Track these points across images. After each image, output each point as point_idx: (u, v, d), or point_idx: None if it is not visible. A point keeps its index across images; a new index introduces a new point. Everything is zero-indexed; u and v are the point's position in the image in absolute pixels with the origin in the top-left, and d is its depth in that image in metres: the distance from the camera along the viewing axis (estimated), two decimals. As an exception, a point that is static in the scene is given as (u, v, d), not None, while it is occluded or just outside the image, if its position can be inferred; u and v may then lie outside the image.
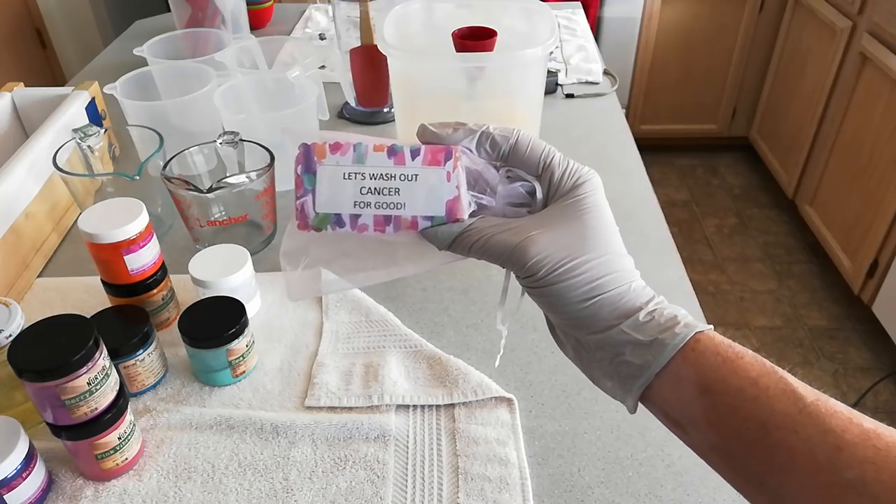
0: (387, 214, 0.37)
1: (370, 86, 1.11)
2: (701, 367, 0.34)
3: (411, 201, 0.37)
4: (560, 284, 0.36)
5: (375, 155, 0.37)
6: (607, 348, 0.37)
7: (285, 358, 0.69)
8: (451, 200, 0.37)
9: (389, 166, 0.37)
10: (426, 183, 0.37)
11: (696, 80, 2.56)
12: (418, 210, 0.37)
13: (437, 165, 0.37)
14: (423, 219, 0.37)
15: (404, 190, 0.37)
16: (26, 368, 0.49)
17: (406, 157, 0.37)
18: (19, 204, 0.78)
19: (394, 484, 0.56)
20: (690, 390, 0.34)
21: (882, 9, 1.82)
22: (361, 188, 0.37)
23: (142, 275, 0.66)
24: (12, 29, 2.37)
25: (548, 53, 0.77)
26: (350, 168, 0.37)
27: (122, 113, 0.96)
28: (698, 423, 0.35)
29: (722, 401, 0.33)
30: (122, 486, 0.57)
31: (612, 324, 0.36)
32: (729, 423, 0.33)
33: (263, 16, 1.50)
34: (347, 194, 0.37)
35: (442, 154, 0.38)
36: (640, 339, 0.36)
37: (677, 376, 0.35)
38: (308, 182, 0.38)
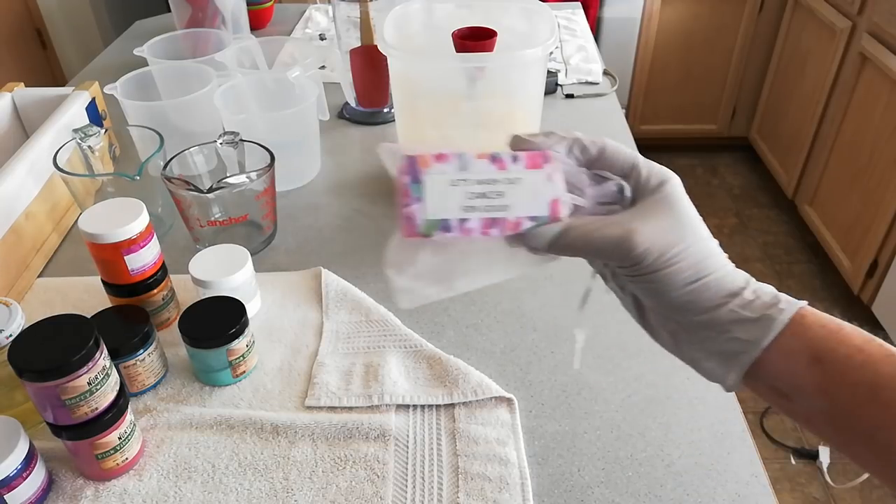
0: (493, 217, 0.39)
1: (370, 86, 1.11)
2: (809, 339, 0.37)
3: (516, 203, 0.39)
4: (668, 269, 0.38)
5: (478, 162, 0.39)
6: (714, 328, 0.38)
7: (285, 358, 0.69)
8: (554, 201, 0.39)
9: (493, 172, 0.39)
10: (529, 185, 0.39)
11: (695, 80, 2.56)
12: (523, 211, 0.39)
13: (538, 168, 0.39)
14: (527, 219, 0.39)
15: (509, 193, 0.39)
16: (27, 368, 0.49)
17: (507, 162, 0.39)
18: (20, 204, 0.78)
19: (394, 484, 0.56)
20: (800, 362, 0.37)
21: (882, 9, 1.83)
22: (468, 193, 0.39)
23: (142, 275, 0.66)
24: (13, 29, 2.37)
25: (548, 54, 0.77)
26: (457, 175, 0.39)
27: (122, 113, 0.96)
28: (808, 392, 0.37)
29: (832, 369, 0.36)
30: (123, 486, 0.57)
31: (719, 303, 0.38)
32: (839, 389, 0.36)
33: (263, 16, 1.50)
34: (455, 200, 0.38)
35: (541, 158, 0.40)
36: (748, 315, 0.37)
37: (787, 349, 0.37)
38: (415, 191, 0.39)
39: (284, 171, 0.85)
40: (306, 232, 0.88)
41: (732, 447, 0.60)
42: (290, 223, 0.89)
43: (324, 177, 0.99)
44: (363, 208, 0.92)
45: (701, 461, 0.59)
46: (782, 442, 1.70)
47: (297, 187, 0.96)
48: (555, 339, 0.70)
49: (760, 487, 0.57)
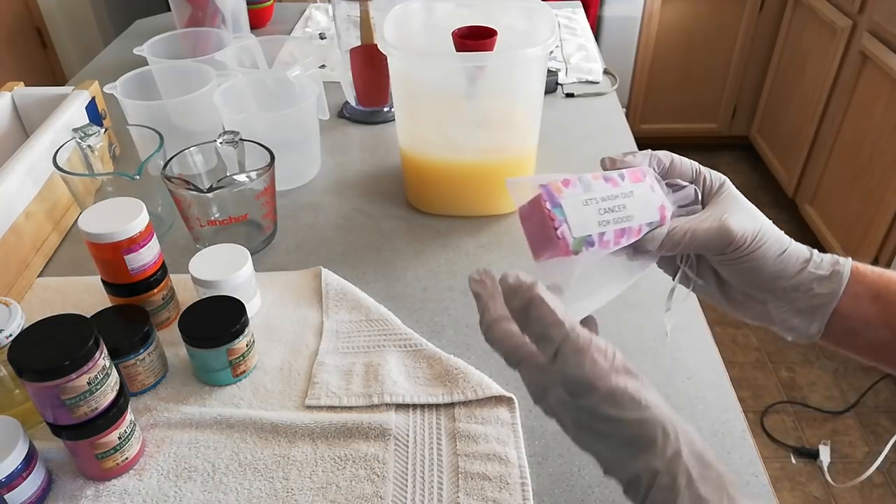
0: (622, 227, 0.43)
1: (370, 85, 1.11)
2: (869, 282, 0.46)
3: (636, 213, 0.44)
4: (761, 247, 0.45)
5: (596, 182, 0.44)
6: (800, 289, 0.46)
7: (285, 357, 0.69)
8: (661, 206, 0.45)
9: (611, 189, 0.44)
10: (640, 196, 0.44)
11: (696, 79, 2.56)
12: (643, 219, 0.44)
13: (641, 181, 0.45)
14: (645, 225, 0.44)
15: (629, 205, 0.44)
16: (26, 368, 0.49)
17: (618, 179, 0.44)
18: (19, 203, 0.78)
19: (394, 483, 0.56)
20: (865, 301, 0.45)
21: (882, 8, 1.82)
22: (599, 210, 0.43)
23: (142, 274, 0.66)
24: (13, 28, 2.37)
25: (548, 53, 0.77)
26: (586, 196, 0.43)
27: (122, 112, 0.96)
28: (873, 324, 0.45)
29: (891, 301, 0.45)
30: (123, 486, 0.57)
31: (800, 268, 0.46)
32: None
33: (263, 15, 1.50)
34: (591, 217, 0.43)
35: (640, 173, 0.45)
36: (823, 274, 0.46)
37: (852, 293, 0.45)
38: (559, 214, 0.42)
39: (284, 170, 0.85)
40: (306, 231, 0.88)
41: (732, 447, 0.60)
42: (290, 223, 0.89)
43: (324, 176, 0.99)
44: (363, 208, 0.92)
45: (701, 461, 0.58)
46: (782, 441, 1.70)
47: (297, 187, 0.96)
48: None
49: (761, 487, 0.57)
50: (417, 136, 0.87)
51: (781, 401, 1.80)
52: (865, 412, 1.77)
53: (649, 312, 0.73)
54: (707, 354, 0.69)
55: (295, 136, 0.94)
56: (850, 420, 1.75)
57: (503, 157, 0.87)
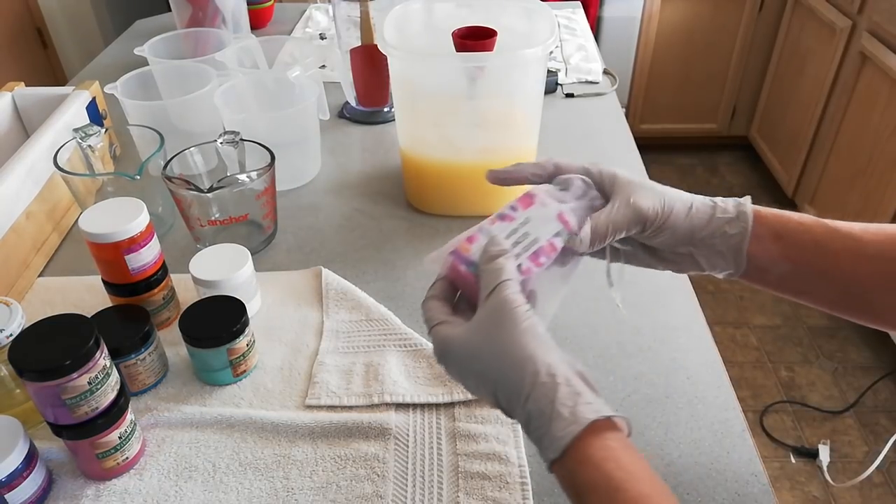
0: (534, 251, 0.47)
1: (370, 85, 1.12)
2: (769, 223, 0.51)
3: (539, 233, 0.48)
4: (672, 214, 0.50)
5: (494, 227, 0.49)
6: (716, 234, 0.51)
7: (286, 357, 0.69)
8: (559, 214, 0.49)
9: (509, 225, 0.49)
10: (536, 217, 0.49)
11: (695, 79, 2.56)
12: (548, 234, 0.48)
13: (532, 204, 0.49)
14: (553, 237, 0.48)
15: (530, 230, 0.48)
16: (27, 368, 0.49)
17: (511, 214, 0.49)
18: (20, 203, 0.78)
19: (394, 483, 0.57)
20: (768, 241, 0.50)
21: (882, 8, 1.82)
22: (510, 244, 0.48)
23: (142, 274, 0.67)
24: (13, 28, 2.37)
25: (548, 53, 0.77)
26: (484, 237, 0.48)
27: (122, 112, 0.96)
28: (777, 260, 0.50)
29: (789, 239, 0.50)
30: (123, 486, 0.57)
31: (709, 216, 0.51)
32: (796, 251, 0.50)
33: (264, 15, 1.50)
34: None
35: (528, 197, 0.50)
36: (730, 216, 0.50)
37: (757, 235, 0.50)
38: (474, 269, 0.47)
39: (285, 170, 0.85)
40: (307, 231, 0.88)
41: (732, 446, 0.60)
42: (291, 222, 0.89)
43: (324, 176, 0.99)
44: (363, 207, 0.92)
45: (701, 460, 0.59)
46: (782, 441, 1.70)
47: (298, 187, 0.97)
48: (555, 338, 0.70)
49: (760, 486, 0.57)
50: (417, 137, 0.87)
51: (781, 400, 1.80)
52: (865, 412, 1.77)
53: (649, 312, 0.73)
54: (707, 354, 0.69)
55: (295, 137, 0.94)
56: (849, 420, 1.75)
57: (503, 158, 0.87)
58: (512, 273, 0.45)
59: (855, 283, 0.50)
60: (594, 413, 0.40)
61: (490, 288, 0.45)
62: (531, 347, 0.42)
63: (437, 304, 0.48)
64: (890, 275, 0.49)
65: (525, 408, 0.41)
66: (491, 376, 0.43)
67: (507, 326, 0.43)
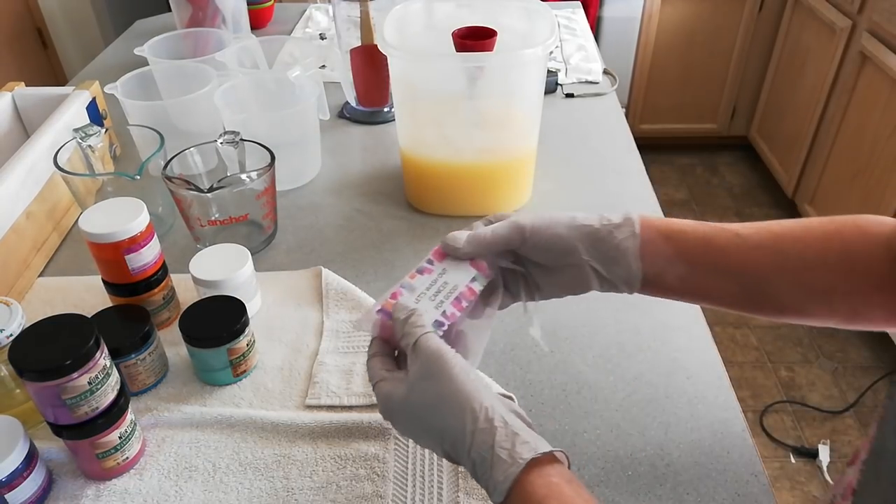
0: (454, 297, 0.51)
1: (370, 85, 1.12)
2: (656, 228, 0.52)
3: (457, 280, 0.52)
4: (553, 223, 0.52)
5: (415, 281, 0.52)
6: (606, 240, 0.52)
7: (286, 357, 0.69)
8: (472, 262, 0.53)
9: (428, 278, 0.52)
10: (451, 267, 0.53)
11: (695, 79, 2.56)
12: (465, 280, 0.52)
13: (444, 256, 0.53)
14: (470, 282, 0.52)
15: (448, 279, 0.52)
16: (27, 368, 0.49)
17: (429, 267, 0.53)
18: (20, 203, 0.78)
19: (394, 482, 0.57)
20: (660, 242, 0.52)
21: (882, 7, 1.82)
22: (429, 297, 0.51)
23: (142, 274, 0.67)
24: (13, 29, 2.37)
25: (548, 53, 0.77)
26: (414, 296, 0.51)
27: (122, 112, 0.96)
28: (672, 260, 0.52)
29: (677, 239, 0.52)
30: (124, 486, 0.57)
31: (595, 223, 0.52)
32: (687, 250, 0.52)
33: (264, 15, 1.50)
34: (428, 308, 0.50)
35: (440, 250, 0.54)
36: (617, 221, 0.52)
37: (648, 239, 0.52)
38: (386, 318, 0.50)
39: (285, 170, 0.85)
40: (307, 231, 0.88)
41: (732, 446, 0.60)
42: (291, 222, 0.89)
43: (324, 176, 1.00)
44: (363, 208, 0.92)
45: (701, 460, 0.59)
46: (782, 441, 1.70)
47: (298, 187, 0.97)
48: (554, 339, 0.70)
49: (760, 486, 0.57)
50: (417, 137, 0.87)
51: (781, 400, 1.80)
52: (865, 412, 1.77)
53: (648, 312, 0.73)
54: (707, 354, 0.69)
55: (295, 137, 0.94)
56: (849, 419, 1.75)
57: (503, 158, 0.87)
58: (428, 325, 0.47)
59: (746, 273, 0.52)
60: (531, 452, 0.40)
61: (411, 343, 0.45)
62: (465, 393, 0.43)
63: (377, 362, 0.49)
64: (773, 262, 0.51)
65: (470, 456, 0.42)
66: (435, 428, 0.44)
67: (439, 377, 0.43)
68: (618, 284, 0.53)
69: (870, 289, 0.49)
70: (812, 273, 0.50)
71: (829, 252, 0.50)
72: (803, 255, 0.50)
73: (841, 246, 0.50)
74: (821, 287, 0.50)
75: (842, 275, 0.50)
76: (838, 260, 0.50)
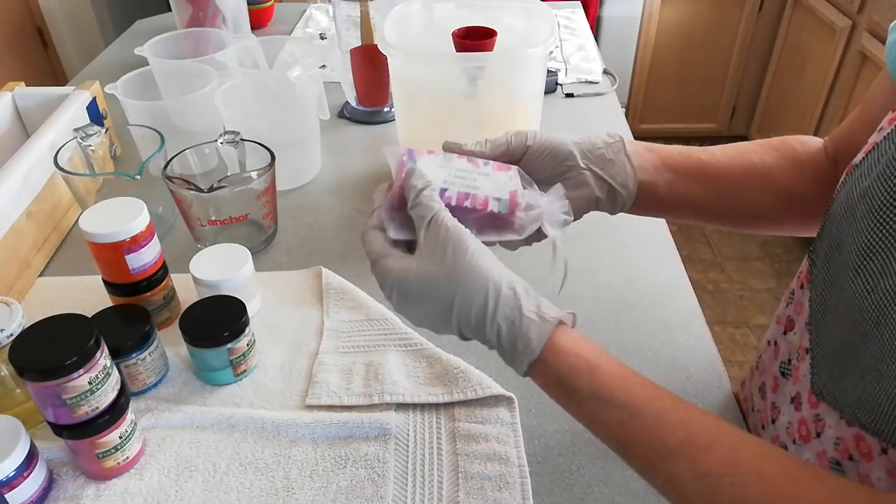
0: (466, 192, 0.50)
1: (370, 85, 1.12)
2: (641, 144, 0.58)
3: (485, 187, 0.51)
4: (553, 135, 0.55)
5: (458, 160, 0.52)
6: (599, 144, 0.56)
7: (286, 357, 0.69)
8: (513, 192, 0.51)
9: (468, 165, 0.51)
10: (495, 178, 0.51)
11: (695, 79, 2.56)
12: (490, 193, 0.50)
13: (503, 171, 0.52)
14: (493, 199, 0.50)
15: (480, 180, 0.51)
16: (27, 368, 0.49)
17: (481, 163, 0.52)
18: (20, 203, 0.78)
19: (394, 482, 0.57)
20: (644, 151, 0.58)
21: (881, 7, 1.83)
22: (450, 174, 0.51)
23: (143, 274, 0.67)
24: (13, 28, 2.37)
25: (548, 53, 0.77)
26: (442, 163, 0.51)
27: (123, 112, 0.96)
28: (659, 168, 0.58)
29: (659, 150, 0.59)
30: (124, 486, 0.57)
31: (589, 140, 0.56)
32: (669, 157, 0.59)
33: (264, 15, 1.50)
34: (440, 176, 0.50)
35: (505, 167, 0.53)
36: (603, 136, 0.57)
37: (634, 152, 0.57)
38: (411, 164, 0.50)
39: (285, 170, 0.85)
40: (307, 231, 0.88)
41: (732, 446, 0.60)
42: (291, 222, 0.89)
43: (324, 176, 1.00)
44: (364, 207, 0.92)
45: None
46: (782, 441, 1.70)
47: (298, 187, 0.97)
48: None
49: (760, 486, 0.57)
50: (417, 137, 0.87)
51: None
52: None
53: (648, 312, 0.73)
54: (707, 354, 0.69)
55: (295, 136, 0.94)
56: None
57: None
58: (442, 204, 0.48)
59: (722, 178, 0.58)
60: (557, 313, 0.46)
61: (427, 219, 0.47)
62: (485, 267, 0.45)
63: (379, 236, 0.49)
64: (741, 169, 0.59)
65: (495, 321, 0.45)
66: (448, 302, 0.45)
67: (457, 252, 0.45)
68: (616, 189, 0.55)
69: (815, 188, 0.58)
70: (774, 177, 0.59)
71: (783, 159, 0.59)
72: (765, 160, 0.59)
73: (792, 153, 0.60)
74: (783, 189, 0.59)
75: (797, 177, 0.59)
76: (791, 165, 0.59)
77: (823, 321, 0.50)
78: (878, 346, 0.41)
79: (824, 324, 0.49)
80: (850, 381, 0.45)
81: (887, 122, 0.48)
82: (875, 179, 0.44)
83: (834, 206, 0.50)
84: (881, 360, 0.41)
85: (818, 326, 0.50)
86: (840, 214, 0.48)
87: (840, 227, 0.47)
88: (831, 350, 0.48)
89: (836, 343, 0.47)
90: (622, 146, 0.56)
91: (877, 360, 0.41)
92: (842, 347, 0.46)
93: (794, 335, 0.55)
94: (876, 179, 0.44)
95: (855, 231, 0.45)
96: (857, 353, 0.44)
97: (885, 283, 0.41)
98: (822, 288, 0.50)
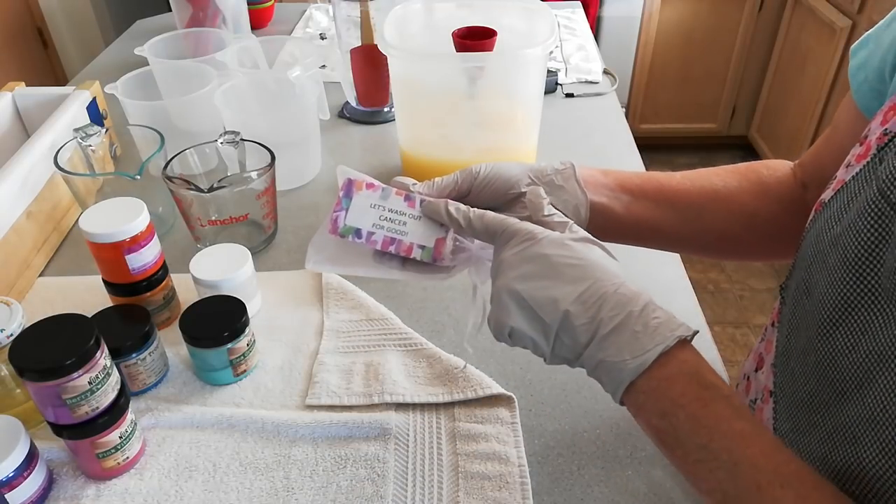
0: (393, 237, 0.51)
1: (371, 85, 1.12)
2: (595, 169, 0.58)
3: (412, 233, 0.51)
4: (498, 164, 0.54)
5: (396, 198, 0.51)
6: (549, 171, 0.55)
7: (286, 357, 0.69)
8: (440, 240, 0.51)
9: (404, 206, 0.52)
10: (426, 224, 0.52)
11: (695, 79, 2.56)
12: (416, 240, 0.51)
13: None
14: (416, 246, 0.51)
15: (409, 224, 0.51)
16: (27, 368, 0.49)
17: (416, 203, 0.52)
18: (21, 203, 0.78)
19: (394, 482, 0.57)
20: (598, 175, 0.57)
21: (882, 7, 1.83)
22: (380, 216, 0.51)
23: (143, 274, 0.67)
24: (14, 28, 2.37)
25: (548, 53, 0.77)
26: (377, 201, 0.51)
27: (123, 112, 0.96)
28: (615, 190, 0.57)
29: (613, 174, 0.58)
30: (124, 486, 0.57)
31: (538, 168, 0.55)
32: (626, 181, 0.58)
33: (264, 15, 1.51)
34: (370, 218, 0.51)
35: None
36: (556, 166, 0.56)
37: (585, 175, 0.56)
38: (345, 203, 0.51)
39: (285, 170, 0.85)
40: (307, 231, 0.88)
41: (732, 446, 0.60)
42: (291, 223, 0.89)
43: (324, 176, 1.00)
44: (363, 208, 0.92)
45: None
46: (782, 441, 1.70)
47: (298, 186, 0.97)
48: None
49: (760, 486, 0.57)
50: (417, 137, 0.87)
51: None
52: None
53: (649, 312, 0.73)
54: (707, 354, 0.69)
55: (295, 137, 0.94)
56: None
57: (503, 158, 0.86)
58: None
59: (683, 201, 0.57)
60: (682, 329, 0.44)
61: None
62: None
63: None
64: (702, 191, 0.58)
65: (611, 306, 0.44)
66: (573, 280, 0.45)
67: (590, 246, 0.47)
68: (567, 213, 0.54)
69: (782, 212, 0.58)
70: (737, 199, 0.58)
71: (746, 181, 0.59)
72: (727, 183, 0.59)
73: (756, 177, 0.60)
74: (747, 211, 0.58)
75: (760, 199, 0.59)
76: (754, 188, 0.59)
77: (787, 367, 0.48)
78: (857, 409, 0.39)
79: (788, 370, 0.48)
80: (816, 436, 0.43)
81: (854, 158, 0.46)
82: (846, 228, 0.42)
83: (804, 246, 0.48)
84: (859, 423, 0.39)
85: (782, 371, 0.49)
86: (810, 256, 0.46)
87: (810, 272, 0.46)
88: (796, 400, 0.46)
89: (802, 395, 0.45)
90: (572, 172, 0.55)
91: (853, 423, 0.39)
92: (809, 400, 0.44)
93: (761, 374, 0.53)
94: (847, 228, 0.42)
95: (828, 281, 0.43)
96: (828, 410, 0.42)
97: (868, 342, 0.39)
98: (788, 330, 0.49)
